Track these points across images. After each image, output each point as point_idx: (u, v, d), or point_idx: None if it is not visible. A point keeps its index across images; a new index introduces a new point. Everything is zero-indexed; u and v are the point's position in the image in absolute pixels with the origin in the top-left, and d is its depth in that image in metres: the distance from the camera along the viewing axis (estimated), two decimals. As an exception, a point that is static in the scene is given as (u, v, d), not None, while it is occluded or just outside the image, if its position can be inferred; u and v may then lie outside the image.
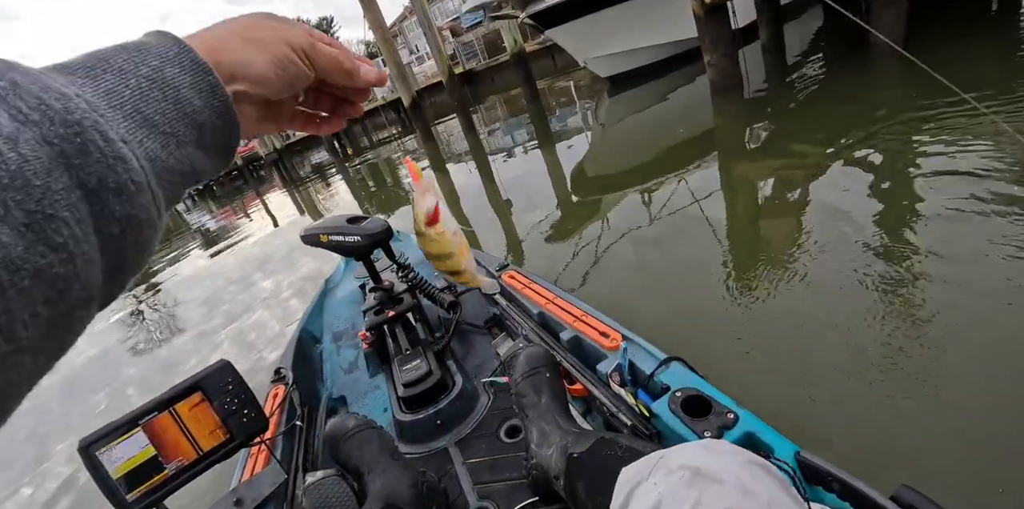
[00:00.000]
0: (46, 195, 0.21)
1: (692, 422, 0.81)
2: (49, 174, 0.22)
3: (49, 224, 0.21)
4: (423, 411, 1.21)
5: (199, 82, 0.29)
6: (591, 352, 1.12)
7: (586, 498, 0.72)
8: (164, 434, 0.88)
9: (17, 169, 0.21)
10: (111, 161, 0.24)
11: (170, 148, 0.28)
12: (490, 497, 1.00)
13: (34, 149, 0.21)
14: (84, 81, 0.26)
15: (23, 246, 0.20)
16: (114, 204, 0.24)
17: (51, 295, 0.21)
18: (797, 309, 1.78)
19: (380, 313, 1.51)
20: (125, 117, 0.26)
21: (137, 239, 0.26)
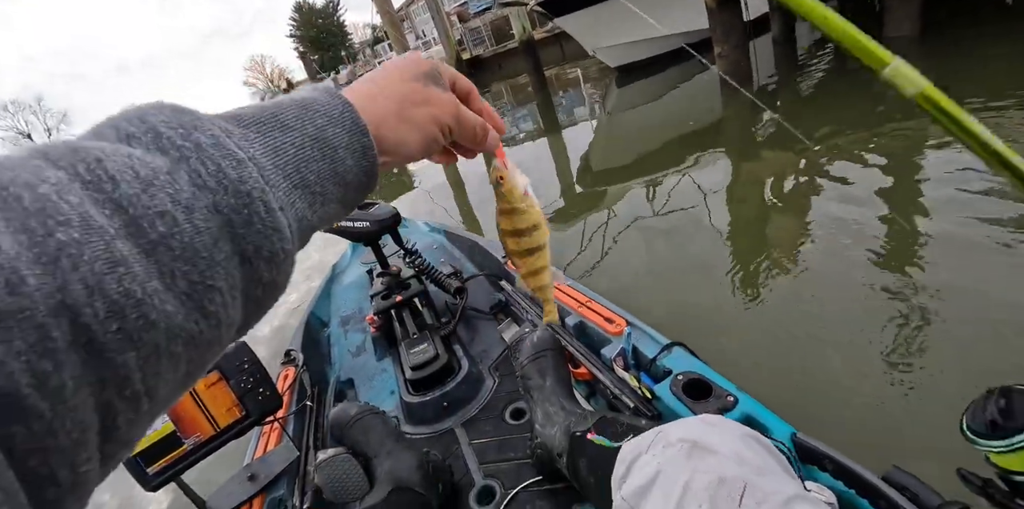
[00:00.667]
0: (209, 266, 0.22)
1: (693, 404, 0.84)
2: (215, 244, 0.22)
3: (207, 294, 0.22)
4: (430, 393, 1.24)
5: (354, 143, 0.30)
6: (596, 337, 1.14)
7: (587, 474, 0.75)
8: (183, 411, 0.91)
9: (189, 241, 0.21)
10: (270, 231, 0.24)
11: (315, 207, 0.28)
12: (495, 476, 1.03)
13: (206, 219, 0.22)
14: (256, 137, 0.27)
15: (183, 315, 0.21)
16: (263, 271, 0.25)
17: (194, 356, 0.22)
18: (796, 303, 1.80)
19: (388, 298, 1.54)
20: (286, 177, 0.27)
21: (273, 299, 0.27)
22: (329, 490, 0.95)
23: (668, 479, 0.51)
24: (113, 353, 0.18)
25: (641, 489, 0.53)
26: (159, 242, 0.20)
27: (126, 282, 0.19)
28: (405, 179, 6.75)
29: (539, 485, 0.97)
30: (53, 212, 0.18)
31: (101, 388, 0.18)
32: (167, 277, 0.20)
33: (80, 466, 0.18)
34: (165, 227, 0.21)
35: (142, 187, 0.21)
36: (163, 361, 0.20)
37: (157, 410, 0.21)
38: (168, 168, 0.22)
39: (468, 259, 1.97)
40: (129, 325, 0.19)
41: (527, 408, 1.16)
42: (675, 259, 2.38)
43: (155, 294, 0.19)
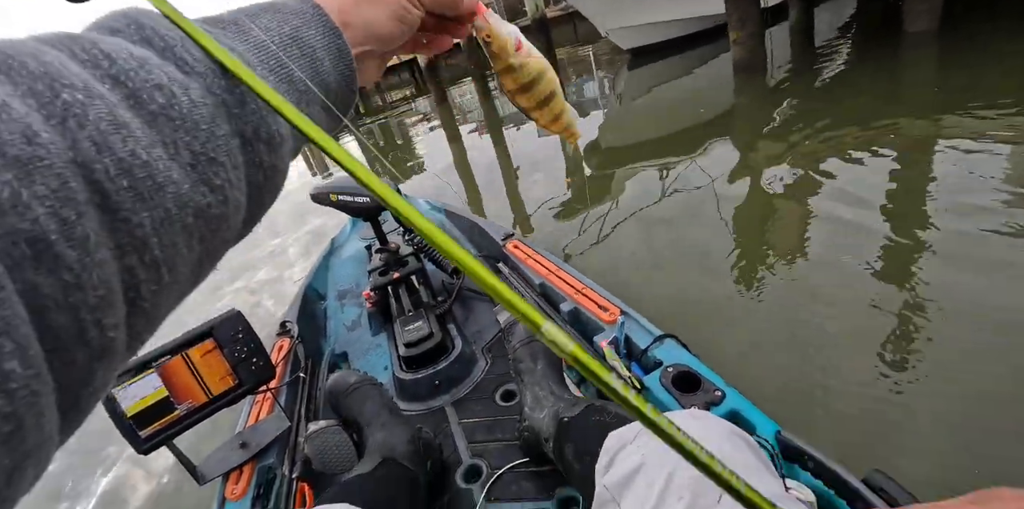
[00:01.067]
0: (210, 139, 0.22)
1: (681, 397, 0.85)
2: (213, 120, 0.23)
3: (211, 167, 0.22)
4: (423, 371, 1.25)
5: (330, 45, 0.30)
6: (589, 324, 1.15)
7: (573, 459, 0.76)
8: (176, 377, 0.92)
9: (188, 112, 0.22)
10: (265, 112, 0.25)
11: (302, 105, 0.29)
12: (482, 456, 1.04)
13: (203, 96, 0.23)
14: (235, 35, 0.27)
15: (189, 184, 0.21)
16: (263, 153, 0.26)
17: (206, 233, 0.23)
18: (793, 300, 1.81)
19: (385, 274, 1.54)
20: (271, 71, 0.28)
21: (274, 187, 0.28)
22: (318, 460, 0.97)
23: (651, 471, 0.52)
24: (128, 212, 0.18)
25: (624, 479, 0.54)
26: (159, 113, 0.21)
27: (131, 144, 0.19)
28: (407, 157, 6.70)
29: (525, 467, 0.99)
30: (57, 76, 0.19)
31: (121, 252, 0.18)
32: (170, 147, 0.21)
33: (108, 329, 0.18)
34: (163, 98, 0.21)
35: (138, 63, 0.21)
36: (177, 229, 0.21)
37: (177, 288, 0.22)
38: (157, 57, 0.23)
39: (467, 239, 1.97)
40: (139, 184, 0.19)
41: (517, 391, 1.18)
42: (673, 248, 2.38)
43: (159, 160, 0.20)
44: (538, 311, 0.23)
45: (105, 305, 0.17)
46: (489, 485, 0.96)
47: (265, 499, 0.93)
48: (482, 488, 0.96)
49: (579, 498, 0.89)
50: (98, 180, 0.18)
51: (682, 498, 0.48)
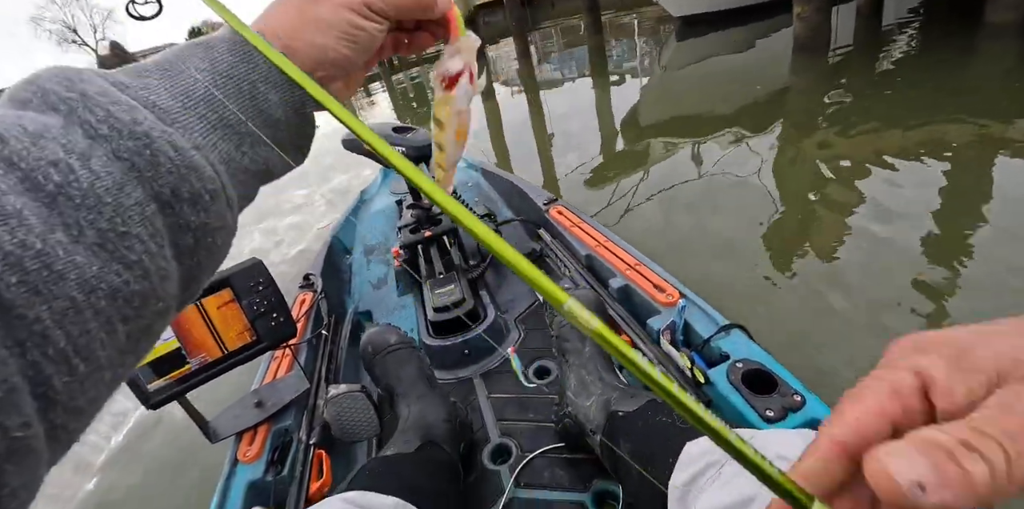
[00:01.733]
0: (118, 212, 0.21)
1: (752, 397, 0.75)
2: (121, 190, 0.21)
3: (123, 242, 0.21)
4: (452, 338, 1.17)
5: (273, 74, 0.27)
6: (641, 305, 1.04)
7: (630, 459, 0.67)
8: (189, 327, 0.84)
9: (88, 187, 0.20)
10: (183, 171, 0.23)
11: (244, 148, 0.27)
12: (512, 435, 0.96)
13: (106, 165, 0.21)
14: (160, 83, 0.25)
15: (97, 266, 0.20)
16: (189, 214, 0.23)
17: (128, 313, 0.21)
18: (822, 298, 1.67)
19: (416, 232, 1.44)
20: (199, 118, 0.25)
21: (212, 247, 0.25)
22: (337, 426, 0.89)
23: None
24: (22, 308, 0.17)
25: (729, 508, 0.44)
26: (57, 192, 0.19)
27: (20, 233, 0.18)
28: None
29: (558, 452, 0.90)
30: None
31: (21, 349, 0.17)
32: (72, 228, 0.19)
33: (13, 430, 0.16)
34: (60, 176, 0.20)
35: (31, 140, 0.20)
36: (88, 316, 0.19)
37: (104, 374, 0.20)
38: (61, 123, 0.21)
39: (504, 202, 1.85)
40: (32, 277, 0.18)
41: (558, 371, 1.08)
42: (701, 231, 2.23)
43: (58, 245, 0.19)
44: (561, 288, 0.22)
45: (6, 406, 0.16)
46: (520, 469, 0.88)
47: (280, 465, 0.86)
48: (511, 471, 0.88)
49: (618, 494, 0.81)
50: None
51: None
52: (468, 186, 1.96)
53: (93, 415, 0.20)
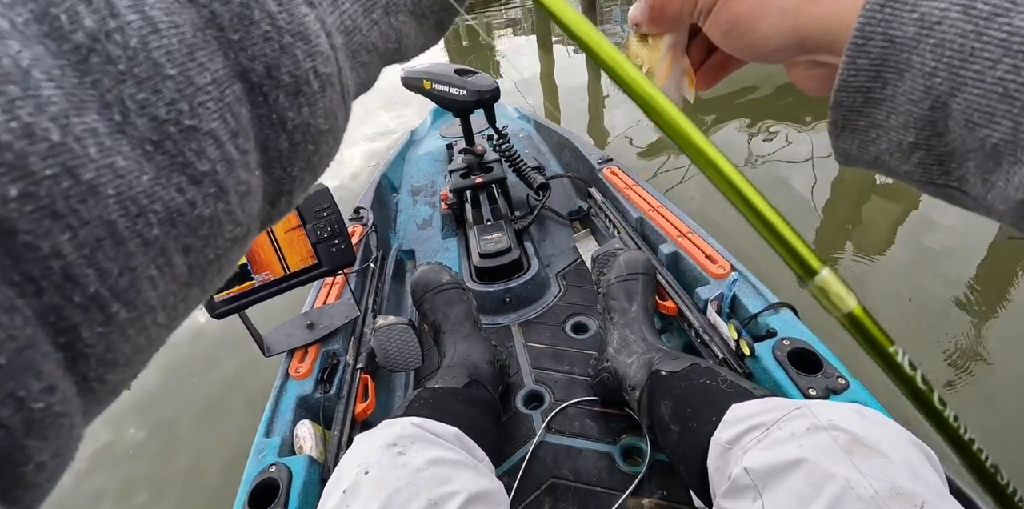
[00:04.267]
0: (184, 92, 0.13)
1: (797, 376, 0.76)
2: (191, 56, 0.14)
3: (189, 141, 0.14)
4: (494, 285, 1.19)
5: None
6: (690, 274, 1.05)
7: (670, 418, 0.69)
8: (257, 246, 0.87)
9: (140, 44, 0.13)
10: (286, 39, 0.15)
11: (374, 14, 0.19)
12: (546, 383, 1.00)
13: (170, 10, 0.13)
14: None
15: (150, 176, 0.13)
16: (286, 107, 0.16)
17: (192, 242, 0.15)
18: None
19: (467, 177, 1.44)
20: None
21: (313, 155, 0.18)
22: (382, 355, 0.93)
23: (818, 471, 0.43)
24: (29, 235, 0.11)
25: (775, 469, 0.46)
26: (89, 47, 0.12)
27: (24, 112, 0.11)
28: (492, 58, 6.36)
29: (591, 405, 0.94)
30: None
31: (35, 287, 0.11)
32: (113, 111, 0.12)
33: (31, 400, 0.11)
34: (95, 20, 0.12)
35: None
36: (131, 249, 0.13)
37: (156, 317, 0.14)
38: None
39: (555, 156, 1.83)
40: (43, 188, 0.11)
41: (596, 327, 1.11)
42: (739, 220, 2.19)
43: (88, 137, 0.12)
44: (812, 251, 0.19)
45: (20, 369, 0.11)
46: (553, 415, 0.92)
47: (328, 384, 0.91)
48: (543, 417, 0.92)
49: (645, 450, 0.84)
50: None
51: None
52: (520, 137, 1.94)
53: (144, 362, 0.15)
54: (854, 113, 0.21)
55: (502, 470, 0.85)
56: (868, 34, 0.19)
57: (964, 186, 0.20)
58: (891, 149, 0.21)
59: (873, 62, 0.19)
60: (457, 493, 0.53)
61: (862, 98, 0.21)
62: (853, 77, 0.20)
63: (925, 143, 0.20)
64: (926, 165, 0.21)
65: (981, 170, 0.19)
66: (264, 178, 0.17)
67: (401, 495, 0.51)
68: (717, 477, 0.55)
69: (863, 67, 0.20)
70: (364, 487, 0.53)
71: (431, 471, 0.55)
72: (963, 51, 0.17)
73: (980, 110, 0.17)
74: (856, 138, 0.22)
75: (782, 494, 0.44)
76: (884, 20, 0.19)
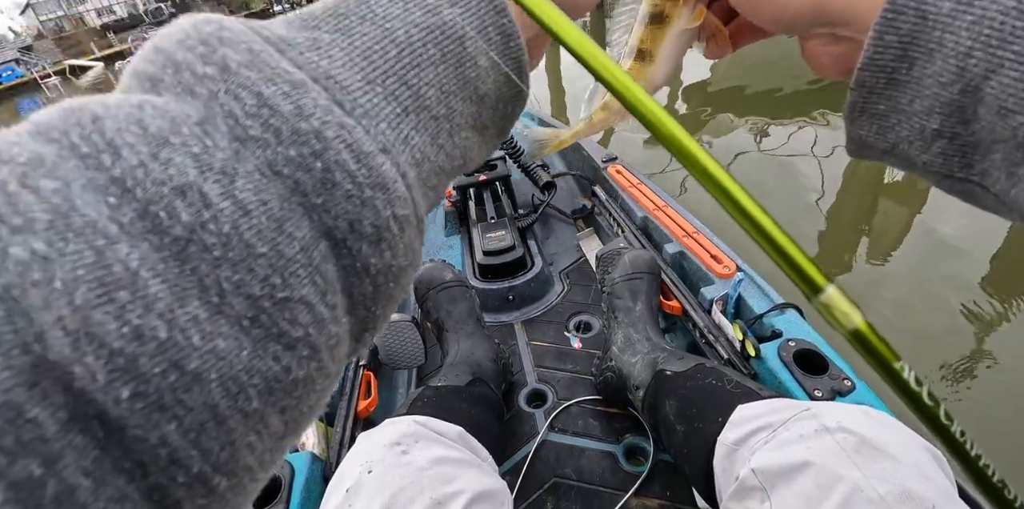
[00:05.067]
0: (276, 266, 0.14)
1: (802, 376, 0.75)
2: (280, 229, 0.14)
3: (283, 312, 0.14)
4: (498, 282, 1.19)
5: (489, 28, 0.19)
6: (695, 274, 1.04)
7: (674, 418, 0.69)
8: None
9: (232, 229, 0.13)
10: (367, 192, 0.16)
11: (442, 138, 0.19)
12: (548, 382, 1.00)
13: (258, 189, 0.14)
14: (333, 39, 0.17)
15: (248, 351, 0.13)
16: (369, 255, 0.16)
17: (288, 403, 0.15)
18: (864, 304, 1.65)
19: (471, 174, 1.44)
20: (388, 99, 0.17)
21: (395, 292, 0.18)
22: (384, 353, 0.93)
23: (827, 473, 0.43)
24: (138, 430, 0.12)
25: (784, 470, 0.46)
26: (187, 239, 0.13)
27: (134, 315, 0.12)
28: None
29: (593, 404, 0.94)
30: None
31: (144, 472, 0.12)
32: (211, 295, 0.13)
33: None
34: (191, 213, 0.13)
35: (151, 150, 0.13)
36: (231, 426, 0.13)
37: (255, 476, 0.15)
38: (196, 117, 0.14)
39: (559, 154, 1.82)
40: (152, 387, 0.12)
41: (600, 326, 1.10)
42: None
43: (192, 327, 0.13)
44: (818, 268, 0.17)
45: None
46: (555, 414, 0.92)
47: None
48: (546, 416, 0.92)
49: (648, 450, 0.84)
50: (84, 391, 0.11)
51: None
52: (523, 134, 1.93)
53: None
54: (875, 95, 0.20)
55: (504, 469, 0.85)
56: (900, 8, 0.18)
57: (985, 180, 0.19)
58: (911, 137, 0.20)
59: (902, 39, 0.18)
60: (461, 492, 0.53)
61: (885, 78, 0.20)
62: (880, 54, 0.19)
63: (950, 131, 0.19)
64: (947, 155, 0.20)
65: (1008, 162, 0.18)
66: (350, 321, 0.17)
67: (405, 494, 0.51)
68: (723, 478, 0.55)
69: (891, 44, 0.19)
70: (367, 486, 0.53)
71: (435, 470, 0.54)
72: (1003, 29, 0.16)
73: (1017, 95, 0.16)
74: (875, 123, 0.21)
75: (790, 496, 0.44)
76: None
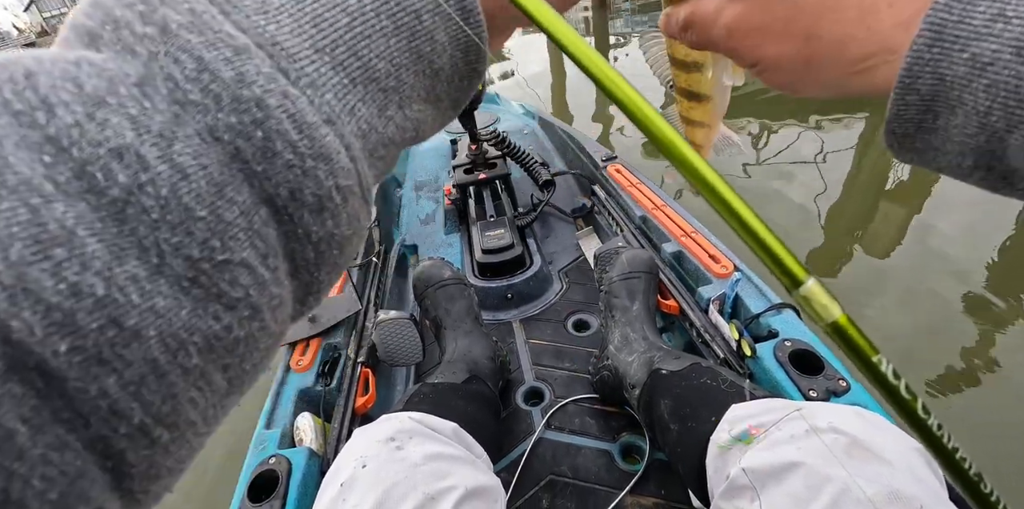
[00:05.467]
0: (215, 230, 0.14)
1: (798, 376, 0.76)
2: (220, 193, 0.14)
3: (223, 274, 0.14)
4: (497, 281, 1.19)
5: (449, 2, 0.19)
6: (693, 273, 1.05)
7: (669, 417, 0.69)
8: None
9: (171, 192, 0.13)
10: (308, 163, 0.16)
11: (390, 110, 0.19)
12: (546, 380, 1.00)
13: (197, 153, 0.14)
14: (283, 1, 0.16)
15: (187, 310, 0.14)
16: (311, 222, 0.17)
17: (230, 361, 0.15)
18: (859, 306, 1.65)
19: (470, 172, 1.44)
20: (336, 68, 0.17)
21: (339, 258, 0.19)
22: (383, 349, 0.94)
23: (816, 473, 0.43)
24: (77, 381, 0.12)
25: (774, 470, 0.46)
26: (125, 200, 0.13)
27: (70, 271, 0.12)
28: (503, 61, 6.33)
29: (591, 403, 0.94)
30: None
31: (83, 423, 0.12)
32: (150, 256, 0.13)
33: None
34: (128, 174, 0.13)
35: (86, 110, 0.13)
36: (172, 379, 0.14)
37: (197, 429, 0.15)
38: (135, 77, 0.14)
39: (559, 153, 1.83)
40: (90, 341, 0.12)
41: (597, 325, 1.11)
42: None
43: (130, 285, 0.13)
44: (797, 261, 0.18)
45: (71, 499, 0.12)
46: (552, 412, 0.92)
47: (328, 377, 0.91)
48: (543, 414, 0.92)
49: (644, 449, 0.84)
50: (21, 343, 0.11)
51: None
52: (524, 133, 1.93)
53: (185, 468, 0.16)
54: (908, 138, 0.22)
55: (501, 466, 0.85)
56: (916, 73, 0.19)
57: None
58: (951, 167, 0.22)
59: (923, 98, 0.20)
60: (454, 488, 0.53)
61: (914, 127, 0.21)
62: (903, 110, 0.20)
63: (985, 165, 0.20)
64: (989, 181, 0.21)
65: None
66: (293, 284, 0.18)
67: (398, 489, 0.51)
68: (715, 477, 0.55)
69: (912, 102, 0.20)
70: (361, 480, 0.53)
71: (429, 466, 0.55)
72: (1018, 92, 0.17)
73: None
74: (915, 156, 0.23)
75: (780, 496, 0.44)
76: (933, 59, 0.19)
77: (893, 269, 1.78)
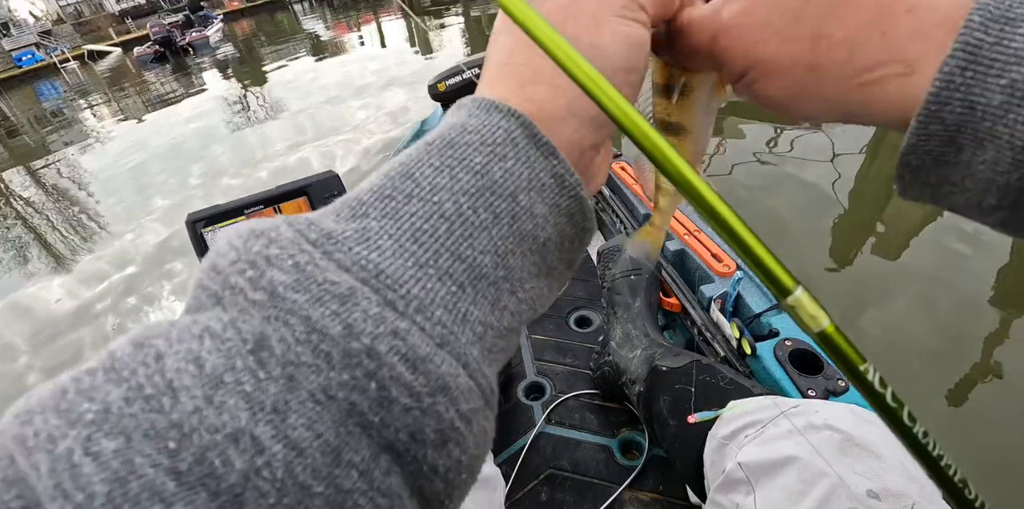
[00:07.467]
0: (334, 503, 0.14)
1: (797, 376, 0.76)
2: (336, 460, 0.14)
3: None
4: (500, 276, 1.20)
5: (539, 173, 0.18)
6: (695, 272, 1.05)
7: (667, 413, 0.70)
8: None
9: (286, 474, 0.13)
10: (427, 401, 0.15)
11: (503, 300, 0.18)
12: (547, 375, 1.01)
13: (310, 422, 0.14)
14: (381, 225, 0.17)
15: None
16: (436, 459, 0.16)
17: None
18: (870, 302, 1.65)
19: None
20: (441, 279, 0.16)
21: (470, 479, 0.18)
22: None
23: (810, 469, 0.44)
24: None
25: (769, 465, 0.47)
26: (242, 485, 0.13)
27: None
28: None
29: (591, 398, 0.95)
30: None
31: None
32: None
33: None
34: (244, 459, 0.13)
35: (206, 394, 0.13)
36: None
37: None
38: (255, 340, 0.14)
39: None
40: None
41: (599, 321, 1.12)
42: (759, 216, 2.18)
43: None
44: (786, 271, 0.18)
45: None
46: (553, 407, 0.93)
47: None
48: (544, 408, 0.93)
49: (643, 444, 0.85)
50: None
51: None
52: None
53: None
54: (924, 172, 0.19)
55: (501, 459, 0.86)
56: (945, 99, 0.17)
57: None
58: (967, 205, 0.19)
59: (948, 128, 0.17)
60: None
61: (932, 160, 0.19)
62: (924, 141, 0.18)
63: (1011, 204, 0.17)
64: (1010, 222, 0.19)
65: None
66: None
67: None
68: (712, 471, 0.56)
69: (935, 133, 0.18)
70: None
71: None
72: None
73: None
74: (927, 191, 0.20)
75: (774, 490, 0.45)
76: (965, 84, 0.16)
77: (907, 269, 1.77)
